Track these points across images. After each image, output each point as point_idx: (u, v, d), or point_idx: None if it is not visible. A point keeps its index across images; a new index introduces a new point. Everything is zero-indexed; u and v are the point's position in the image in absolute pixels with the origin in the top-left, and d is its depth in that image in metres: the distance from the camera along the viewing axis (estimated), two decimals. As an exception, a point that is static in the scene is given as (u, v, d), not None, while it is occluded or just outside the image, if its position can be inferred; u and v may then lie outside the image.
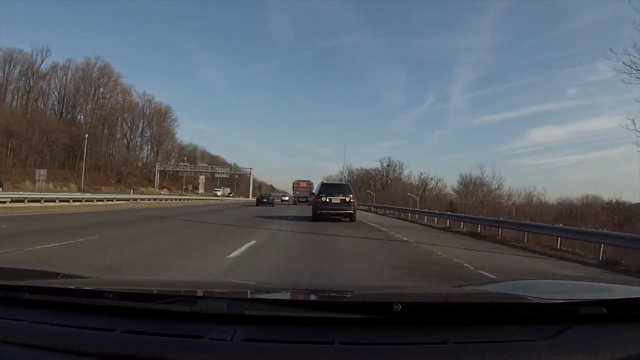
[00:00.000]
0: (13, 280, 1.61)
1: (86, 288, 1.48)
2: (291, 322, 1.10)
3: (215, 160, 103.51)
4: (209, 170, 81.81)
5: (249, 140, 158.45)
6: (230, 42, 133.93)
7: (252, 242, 9.08)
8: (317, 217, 17.00)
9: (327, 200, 16.79)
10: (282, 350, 0.95)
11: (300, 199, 51.01)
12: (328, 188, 17.83)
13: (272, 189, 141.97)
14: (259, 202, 39.76)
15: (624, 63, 12.45)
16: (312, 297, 1.54)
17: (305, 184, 54.53)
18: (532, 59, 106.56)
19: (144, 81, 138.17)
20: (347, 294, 1.64)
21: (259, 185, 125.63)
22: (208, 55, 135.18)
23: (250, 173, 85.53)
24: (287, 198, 65.90)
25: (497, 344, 0.99)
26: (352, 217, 17.10)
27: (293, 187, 56.81)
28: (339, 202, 16.80)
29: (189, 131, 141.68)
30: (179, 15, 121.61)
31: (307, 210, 23.41)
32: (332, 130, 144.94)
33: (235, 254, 7.31)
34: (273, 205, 38.79)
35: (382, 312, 1.11)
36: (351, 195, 17.10)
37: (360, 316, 1.12)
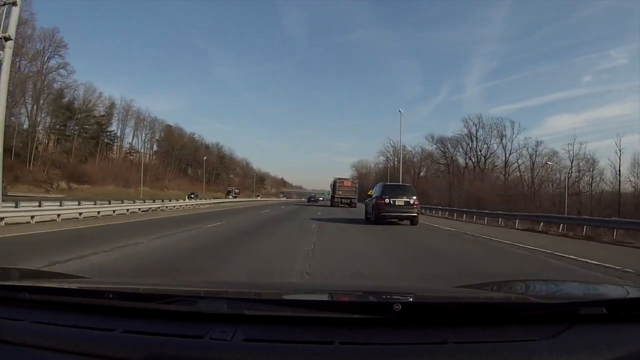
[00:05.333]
0: (13, 280, 1.61)
1: (86, 288, 1.48)
2: (291, 322, 1.10)
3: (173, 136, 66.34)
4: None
5: (261, 137, 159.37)
6: (244, 40, 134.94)
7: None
8: (379, 219, 15.67)
9: (391, 202, 15.65)
10: (282, 350, 0.95)
11: (343, 200, 41.17)
12: (390, 189, 16.75)
13: (284, 183, 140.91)
14: (309, 201, 57.78)
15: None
16: (312, 297, 1.54)
17: (350, 183, 44.40)
18: (545, 49, 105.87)
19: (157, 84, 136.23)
20: (347, 294, 1.64)
21: (259, 178, 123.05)
22: (222, 53, 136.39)
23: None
24: (322, 198, 61.80)
25: (497, 344, 0.99)
26: (413, 221, 15.91)
27: (334, 185, 44.29)
28: (402, 204, 15.72)
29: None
30: (192, 14, 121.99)
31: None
32: (348, 124, 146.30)
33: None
34: (317, 202, 55.19)
35: (382, 312, 1.10)
36: (414, 197, 16.05)
37: (360, 316, 1.11)
